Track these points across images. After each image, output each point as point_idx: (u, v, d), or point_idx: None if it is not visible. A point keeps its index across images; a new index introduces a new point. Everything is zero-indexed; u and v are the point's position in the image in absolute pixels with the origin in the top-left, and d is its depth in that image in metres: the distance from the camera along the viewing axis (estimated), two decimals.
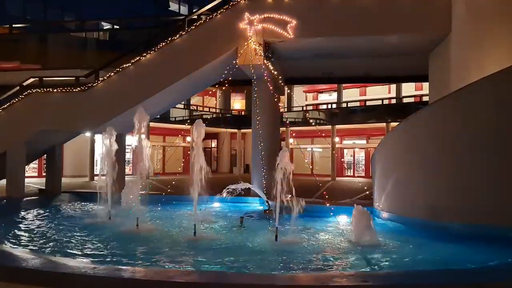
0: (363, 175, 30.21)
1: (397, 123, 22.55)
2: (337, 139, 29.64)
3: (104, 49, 19.75)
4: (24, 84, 12.53)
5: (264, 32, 11.49)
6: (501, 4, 9.86)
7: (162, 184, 17.34)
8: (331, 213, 9.00)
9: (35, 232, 7.56)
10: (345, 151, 32.48)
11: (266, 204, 10.40)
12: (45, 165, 17.58)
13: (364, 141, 31.40)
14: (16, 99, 11.98)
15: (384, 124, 26.76)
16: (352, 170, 31.72)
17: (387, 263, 5.60)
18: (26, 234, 7.30)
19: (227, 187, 10.41)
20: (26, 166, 13.03)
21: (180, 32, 11.91)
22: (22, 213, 9.70)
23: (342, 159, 31.77)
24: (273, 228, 6.97)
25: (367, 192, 12.76)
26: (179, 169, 24.05)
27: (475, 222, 6.70)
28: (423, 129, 7.92)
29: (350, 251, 6.31)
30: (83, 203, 11.62)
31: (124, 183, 12.63)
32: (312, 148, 33.37)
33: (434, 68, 12.21)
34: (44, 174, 14.56)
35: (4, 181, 11.86)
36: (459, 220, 6.95)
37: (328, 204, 9.62)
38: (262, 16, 11.48)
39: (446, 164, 7.42)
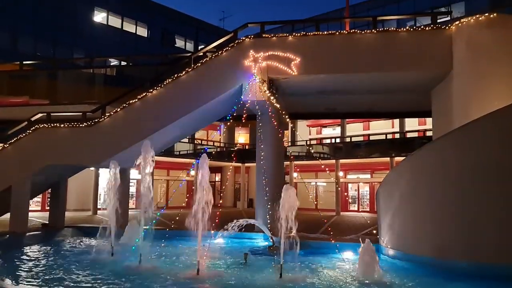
0: (368, 210, 29.90)
1: (402, 157, 22.69)
2: (341, 173, 29.55)
3: (111, 84, 20.11)
4: (32, 119, 12.73)
5: (268, 69, 11.70)
6: (500, 42, 10.10)
7: (166, 219, 17.22)
8: (336, 250, 8.89)
9: (35, 269, 7.50)
10: (350, 185, 32.30)
11: (271, 240, 10.29)
12: (49, 199, 17.58)
13: (368, 176, 31.26)
14: (24, 134, 12.14)
15: (388, 159, 26.72)
16: (356, 205, 31.43)
17: None
18: (27, 271, 7.23)
19: (231, 223, 10.32)
20: (29, 200, 13.04)
21: (187, 69, 12.17)
22: (24, 249, 9.63)
23: (346, 194, 31.53)
24: (277, 265, 6.88)
25: (372, 228, 12.61)
26: (183, 204, 23.94)
27: (483, 260, 6.59)
28: (428, 165, 7.93)
29: None
30: (86, 238, 11.54)
31: (127, 218, 12.62)
32: (316, 182, 33.23)
33: (436, 104, 12.32)
34: (48, 208, 14.55)
35: (7, 215, 11.85)
36: (467, 259, 6.84)
37: (333, 240, 9.51)
38: (267, 54, 11.72)
39: (452, 201, 7.38)
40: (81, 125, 12.15)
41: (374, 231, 10.23)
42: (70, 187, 14.99)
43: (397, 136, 30.31)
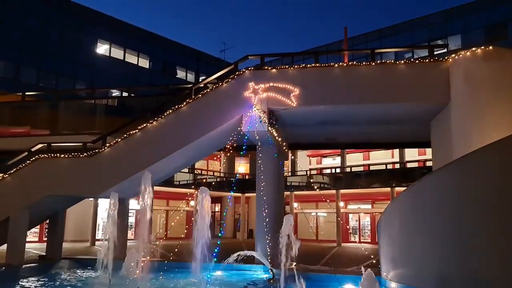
0: (369, 241, 29.54)
1: (402, 188, 22.60)
2: (341, 204, 29.37)
3: (113, 115, 20.29)
4: (32, 149, 12.76)
5: (268, 100, 11.82)
6: (496, 74, 10.25)
7: (165, 250, 17.01)
8: (337, 282, 8.74)
9: None
10: (350, 215, 32.04)
11: (270, 272, 10.12)
12: (46, 230, 17.39)
13: (369, 206, 31.06)
14: (23, 165, 12.14)
15: (389, 189, 26.63)
16: (357, 236, 31.08)
17: None
18: None
19: (231, 256, 10.17)
20: (27, 231, 12.90)
21: (187, 100, 12.30)
22: (20, 282, 9.46)
23: (348, 226, 31.21)
24: None
25: (373, 260, 12.43)
26: (182, 235, 23.69)
27: None
28: (428, 197, 7.89)
29: None
30: (83, 271, 11.35)
31: (126, 249, 12.47)
32: (316, 212, 32.99)
33: (436, 135, 12.38)
34: (45, 239, 14.38)
35: (4, 247, 11.69)
36: None
37: (333, 273, 9.37)
38: (267, 85, 11.87)
39: (453, 233, 7.30)
40: (81, 156, 12.16)
41: (375, 262, 10.09)
42: (68, 217, 14.87)
43: (397, 166, 30.32)
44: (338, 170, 32.53)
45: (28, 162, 12.13)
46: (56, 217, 13.32)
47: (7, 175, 12.08)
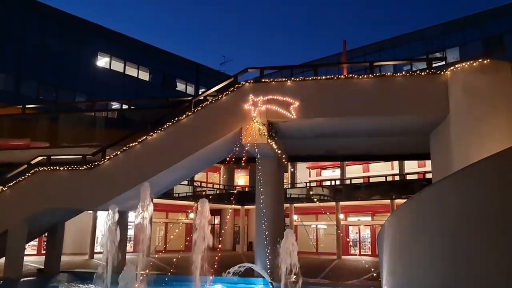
0: (370, 253, 29.35)
1: (402, 200, 22.54)
2: (341, 216, 29.25)
3: (113, 127, 20.28)
4: (32, 162, 12.75)
5: (268, 113, 11.87)
6: (494, 87, 10.32)
7: (164, 263, 16.89)
8: None
9: None
10: (350, 228, 31.88)
11: (270, 285, 10.05)
12: (45, 243, 17.28)
13: (369, 218, 30.92)
14: (23, 177, 12.12)
15: (389, 201, 26.55)
16: (358, 248, 30.88)
17: None
18: None
19: (230, 269, 10.12)
20: (25, 244, 12.83)
21: (187, 113, 12.34)
22: None
23: (348, 239, 31.04)
24: None
25: (374, 273, 12.36)
26: (181, 247, 23.54)
27: None
28: (428, 209, 7.87)
29: None
30: (81, 284, 11.26)
31: (125, 262, 12.37)
32: (316, 225, 32.84)
33: (435, 146, 12.40)
34: (44, 252, 14.30)
35: (2, 260, 11.61)
36: None
37: (334, 286, 9.30)
38: (266, 98, 11.93)
39: (455, 245, 7.27)
40: (81, 168, 12.15)
41: (376, 275, 10.03)
42: (67, 230, 14.80)
43: (397, 178, 30.29)
44: (337, 182, 32.47)
45: (27, 174, 12.12)
46: (55, 230, 13.26)
47: (6, 188, 12.06)
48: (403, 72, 11.90)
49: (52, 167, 12.23)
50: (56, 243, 13.22)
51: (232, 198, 27.36)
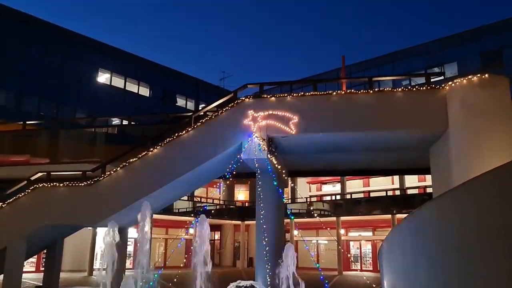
0: (371, 269, 29.10)
1: (403, 214, 22.42)
2: (342, 231, 29.07)
3: (113, 143, 20.31)
4: (32, 178, 12.73)
5: (267, 128, 11.88)
6: (492, 101, 10.36)
7: (164, 279, 16.71)
8: None
9: None
10: (351, 243, 31.66)
11: None
12: (43, 259, 17.16)
13: (370, 233, 30.73)
14: (22, 194, 12.08)
15: (389, 216, 26.42)
16: (359, 264, 30.61)
17: None
18: None
19: (230, 285, 10.03)
20: (24, 261, 12.72)
21: (187, 128, 12.36)
22: None
23: (349, 254, 30.78)
24: None
25: None
26: (181, 264, 23.30)
27: None
28: (429, 224, 7.84)
29: None
30: None
31: (123, 278, 12.25)
32: (317, 240, 32.61)
33: (435, 161, 12.39)
34: (43, 268, 14.18)
35: (1, 277, 11.50)
36: None
37: None
38: (266, 113, 11.96)
39: (456, 259, 7.21)
40: (80, 184, 12.13)
41: None
42: (66, 247, 14.70)
43: (397, 192, 30.20)
44: (338, 197, 32.37)
45: (27, 191, 12.08)
46: (54, 247, 13.17)
47: (5, 205, 12.01)
48: (402, 87, 11.95)
49: (52, 183, 12.20)
50: (55, 260, 13.11)
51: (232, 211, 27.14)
